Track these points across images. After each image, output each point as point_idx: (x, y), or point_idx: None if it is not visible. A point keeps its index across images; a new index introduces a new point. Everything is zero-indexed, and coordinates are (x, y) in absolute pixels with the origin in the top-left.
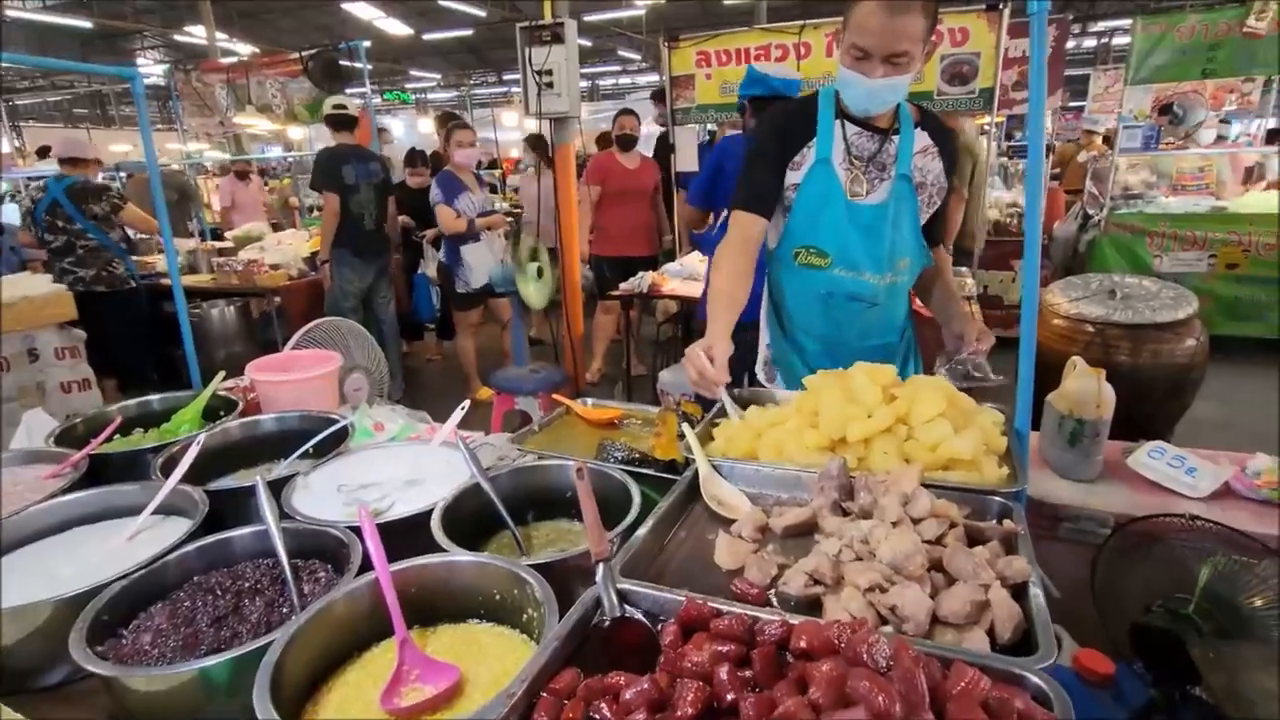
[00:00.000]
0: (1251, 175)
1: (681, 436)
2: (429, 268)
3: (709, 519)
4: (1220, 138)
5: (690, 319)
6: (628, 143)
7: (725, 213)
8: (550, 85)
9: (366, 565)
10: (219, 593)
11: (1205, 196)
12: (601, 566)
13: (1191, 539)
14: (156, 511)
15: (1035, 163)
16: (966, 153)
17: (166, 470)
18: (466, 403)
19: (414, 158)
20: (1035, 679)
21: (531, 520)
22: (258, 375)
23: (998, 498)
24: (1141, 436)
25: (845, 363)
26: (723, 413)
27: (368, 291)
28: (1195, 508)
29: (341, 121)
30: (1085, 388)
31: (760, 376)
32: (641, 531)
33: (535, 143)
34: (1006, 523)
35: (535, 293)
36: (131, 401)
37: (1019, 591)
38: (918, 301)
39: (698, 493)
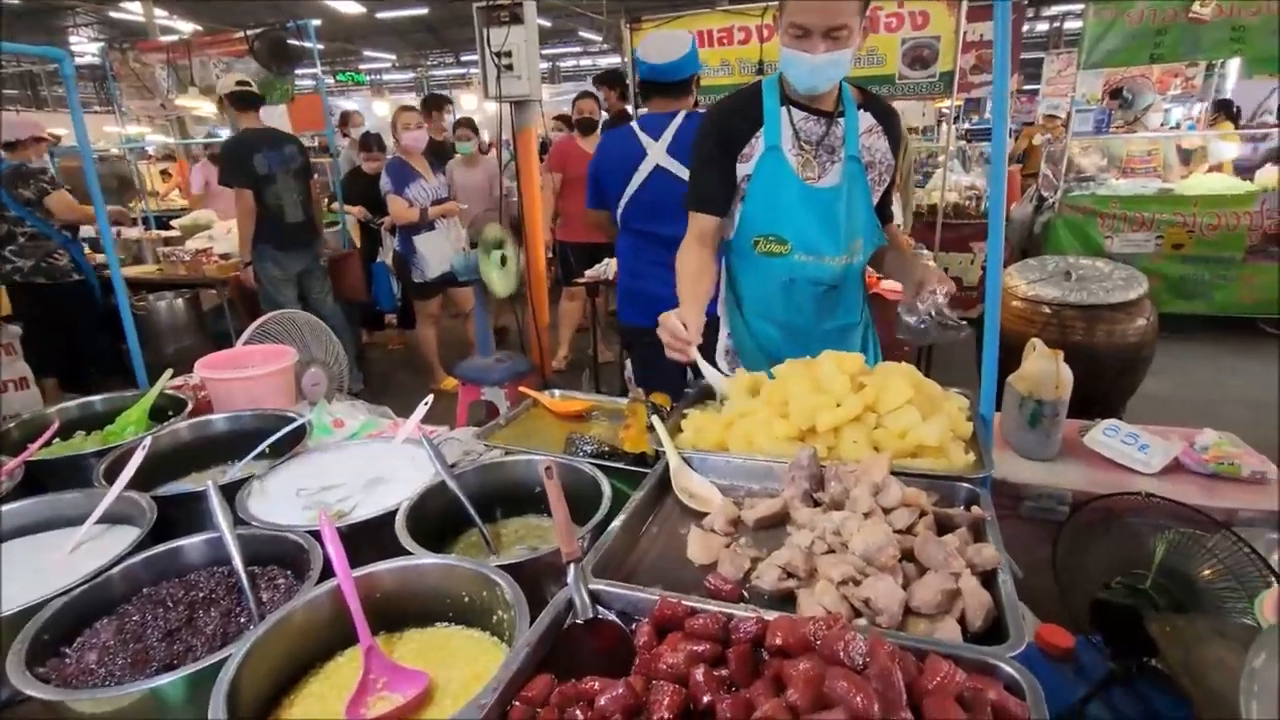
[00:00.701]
0: (1193, 158)
1: (651, 428)
2: (388, 256)
3: (681, 513)
4: (1164, 124)
5: None
6: (588, 127)
7: (620, 209)
8: (509, 67)
9: (328, 570)
10: (170, 604)
11: (1153, 179)
12: (573, 568)
13: (1147, 516)
14: (101, 521)
15: (999, 146)
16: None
17: (111, 476)
18: (430, 398)
19: (369, 142)
20: (1007, 668)
21: (500, 517)
22: (208, 372)
23: (965, 484)
24: (1095, 414)
25: (809, 347)
26: (698, 399)
27: (301, 287)
28: (1148, 483)
29: (246, 101)
30: (1044, 369)
31: (722, 366)
32: (613, 528)
33: (468, 123)
34: (975, 509)
35: (499, 281)
36: (72, 403)
37: (988, 578)
38: (876, 282)
39: (669, 486)
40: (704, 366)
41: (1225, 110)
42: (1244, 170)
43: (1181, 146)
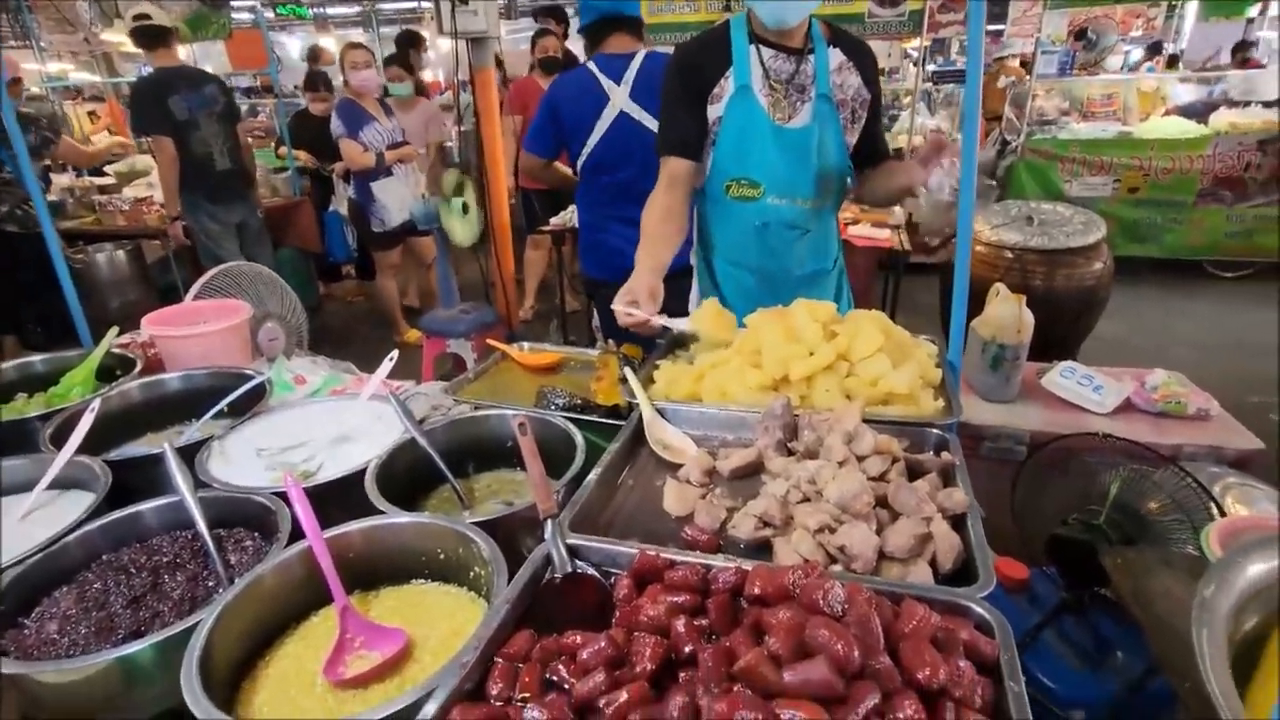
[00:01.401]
0: (1153, 101)
1: (623, 380)
2: (340, 205)
3: (656, 465)
4: (1126, 67)
5: None
6: (550, 66)
7: (581, 159)
8: (465, 1)
9: (297, 532)
10: (133, 571)
11: (1113, 123)
12: (550, 523)
13: (1102, 455)
14: (52, 486)
15: (973, 89)
16: None
17: (58, 440)
18: (394, 353)
19: (315, 80)
20: (978, 608)
21: (472, 472)
22: (157, 329)
23: (935, 429)
24: (1052, 356)
25: (782, 294)
26: (669, 350)
27: (240, 241)
28: (1101, 422)
29: (151, 36)
30: (1007, 313)
31: None
32: (588, 482)
33: (402, 59)
34: (945, 454)
35: (461, 229)
36: (8, 363)
37: (958, 521)
38: (844, 229)
39: (643, 438)
40: (671, 322)
41: (1156, 52)
42: (1199, 114)
43: (1140, 89)
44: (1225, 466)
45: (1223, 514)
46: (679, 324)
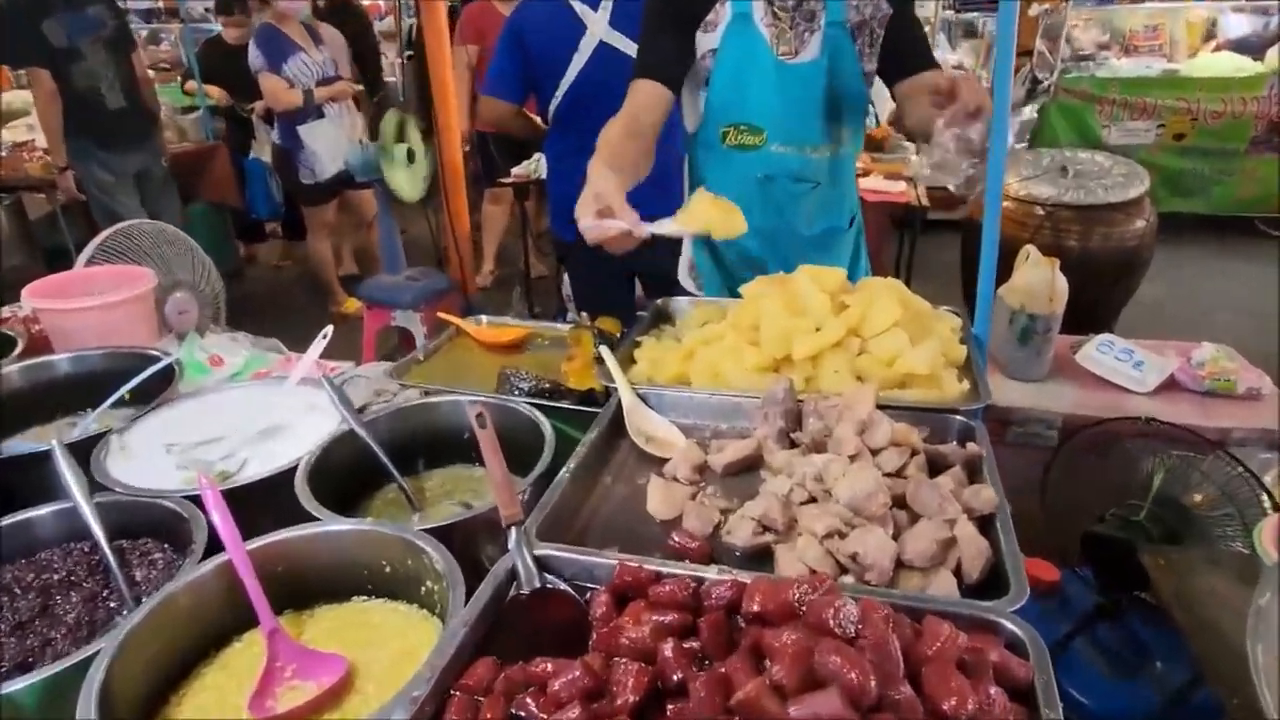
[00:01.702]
0: (1202, 34)
1: (599, 360)
2: (263, 151)
3: (637, 459)
4: None
5: None
6: None
7: (553, 106)
8: None
9: (215, 543)
10: (18, 591)
11: (1158, 59)
12: (514, 531)
13: (1144, 442)
14: None
15: (1008, 18)
16: None
17: None
18: (329, 329)
19: (228, 1)
20: (1009, 624)
21: (423, 469)
22: (42, 302)
23: (959, 416)
24: (1087, 327)
25: (790, 258)
26: (653, 324)
27: (141, 194)
28: (1142, 403)
29: None
30: (1038, 279)
31: (685, 282)
32: (559, 481)
33: None
34: (970, 445)
35: (406, 181)
36: None
37: (986, 523)
38: (861, 182)
39: (622, 428)
40: (659, 227)
41: None
42: (1254, 50)
43: (1189, 20)
44: None
45: (1277, 508)
46: (668, 226)
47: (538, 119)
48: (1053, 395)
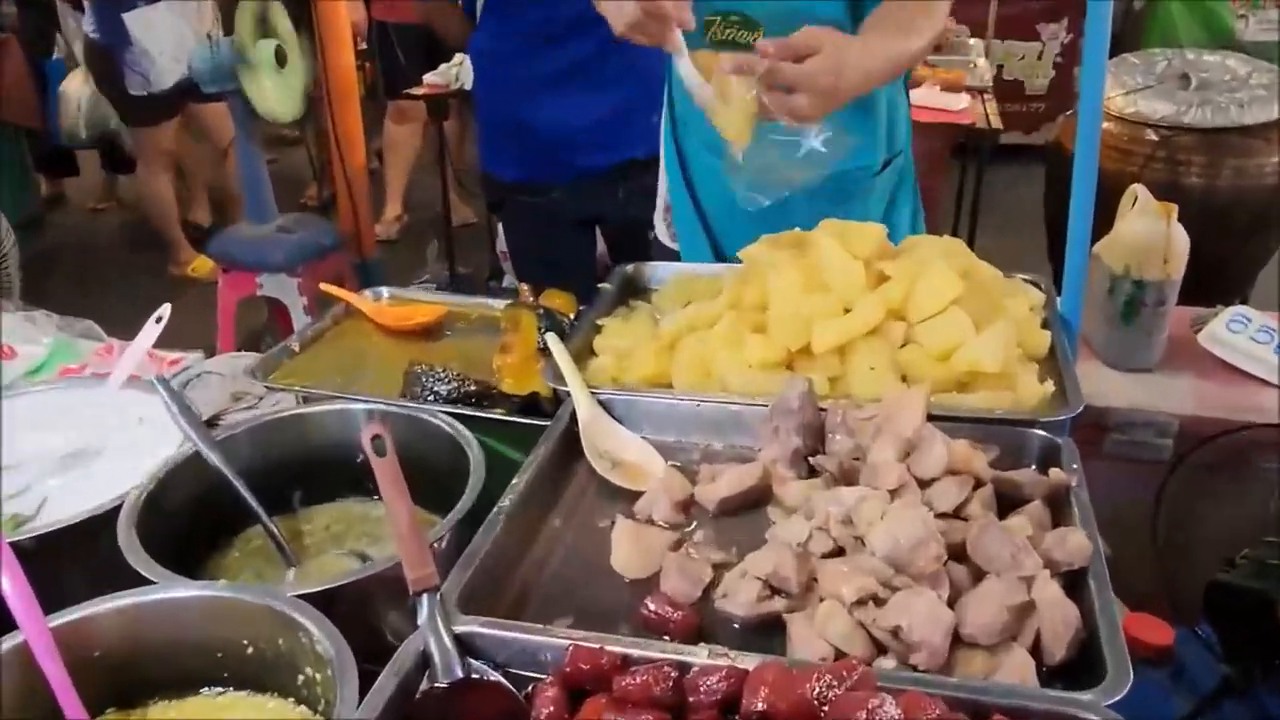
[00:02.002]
0: None
1: (545, 351)
2: (74, 48)
3: (599, 493)
4: None
5: None
6: None
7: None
8: None
9: (5, 618)
10: None
11: None
12: (426, 600)
13: None
14: None
15: None
16: None
17: None
18: (166, 308)
19: None
20: None
21: (300, 505)
22: None
23: (1040, 430)
24: (1212, 295)
25: (800, 207)
26: (620, 299)
27: None
28: None
29: None
30: (1149, 233)
31: (660, 232)
32: (490, 524)
33: None
34: (1055, 472)
35: (274, 93)
36: None
37: (1075, 580)
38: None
39: (577, 449)
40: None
41: None
42: None
43: None
44: None
45: None
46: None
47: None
48: (1166, 390)
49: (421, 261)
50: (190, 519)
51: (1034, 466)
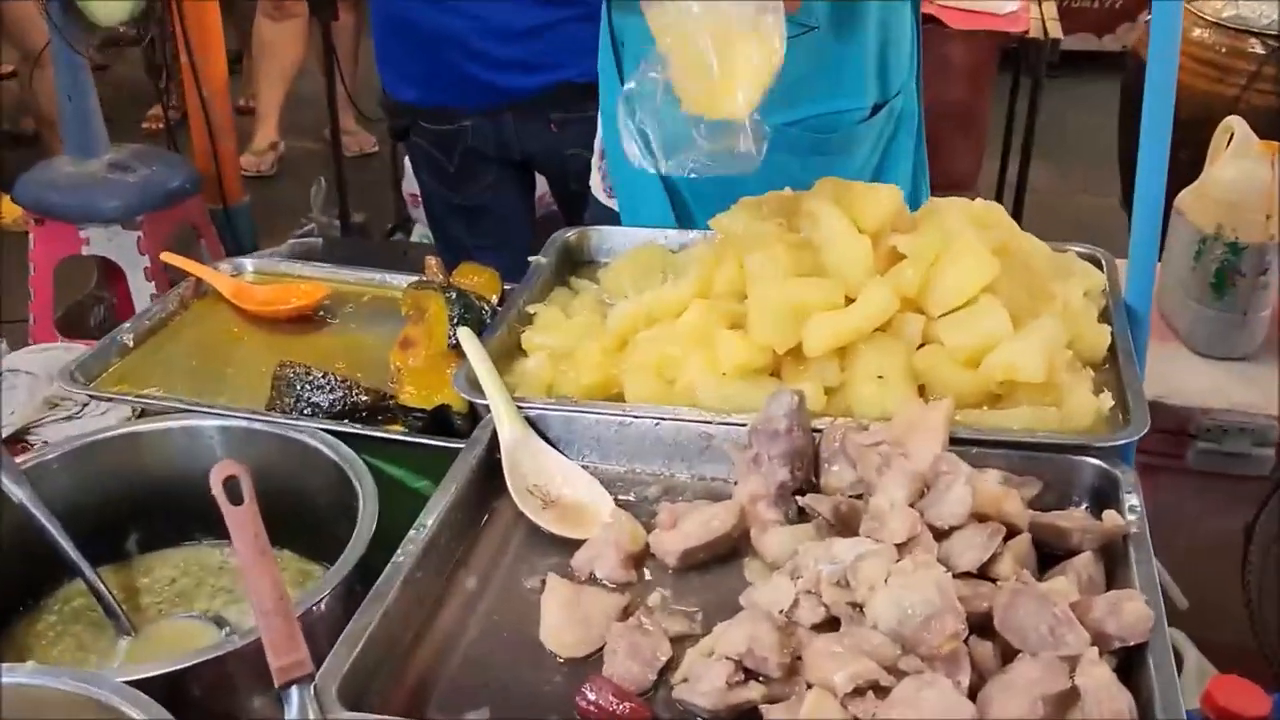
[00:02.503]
0: None
1: (455, 347)
2: None
3: (526, 542)
4: None
5: None
6: None
7: None
8: None
9: None
10: None
11: None
12: (296, 693)
13: None
14: None
15: None
16: None
17: None
18: None
19: None
20: None
21: (137, 550)
22: None
23: (1091, 458)
24: None
25: (775, 163)
26: (558, 275)
27: None
28: None
29: None
30: (1248, 181)
31: (595, 186)
32: (385, 584)
33: None
34: (1110, 515)
35: None
36: None
37: (1132, 659)
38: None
39: (500, 482)
40: None
41: None
42: None
43: None
44: None
45: None
46: None
47: None
48: (1267, 385)
49: (304, 206)
50: None
51: (1085, 505)
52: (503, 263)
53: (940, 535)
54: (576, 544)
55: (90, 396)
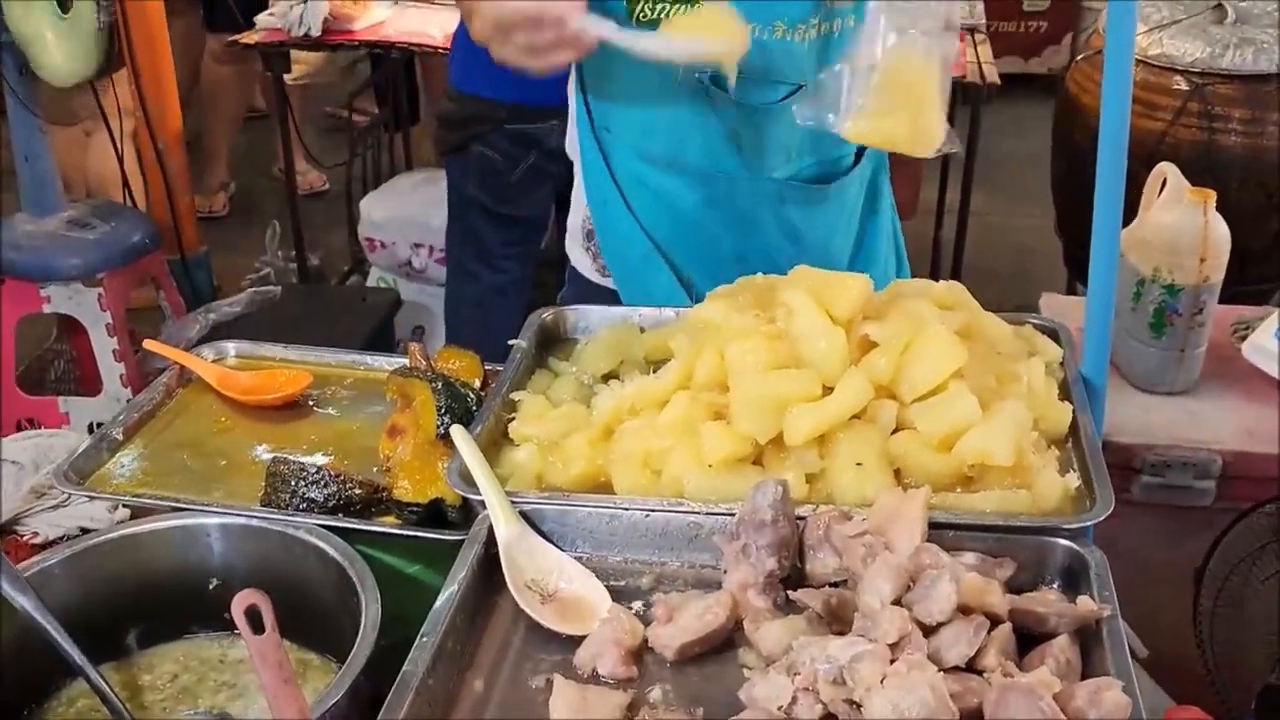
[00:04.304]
0: None
1: (443, 435)
2: None
3: (528, 639)
4: None
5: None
6: None
7: None
8: None
9: None
10: None
11: None
12: None
13: None
14: None
15: None
16: None
17: None
18: None
19: None
20: None
21: (139, 646)
22: None
23: (1062, 539)
24: (1254, 294)
25: (747, 221)
26: (537, 358)
27: None
28: None
29: None
30: (1182, 226)
31: (577, 260)
32: (397, 701)
33: None
34: (1084, 601)
35: (59, 39)
36: None
37: None
38: None
39: (499, 577)
40: (618, 33)
41: None
42: None
43: None
44: None
45: None
46: (636, 37)
47: None
48: (1207, 417)
49: (257, 246)
50: None
51: (1056, 584)
52: (523, 269)
53: (928, 630)
54: (577, 640)
55: (90, 497)
